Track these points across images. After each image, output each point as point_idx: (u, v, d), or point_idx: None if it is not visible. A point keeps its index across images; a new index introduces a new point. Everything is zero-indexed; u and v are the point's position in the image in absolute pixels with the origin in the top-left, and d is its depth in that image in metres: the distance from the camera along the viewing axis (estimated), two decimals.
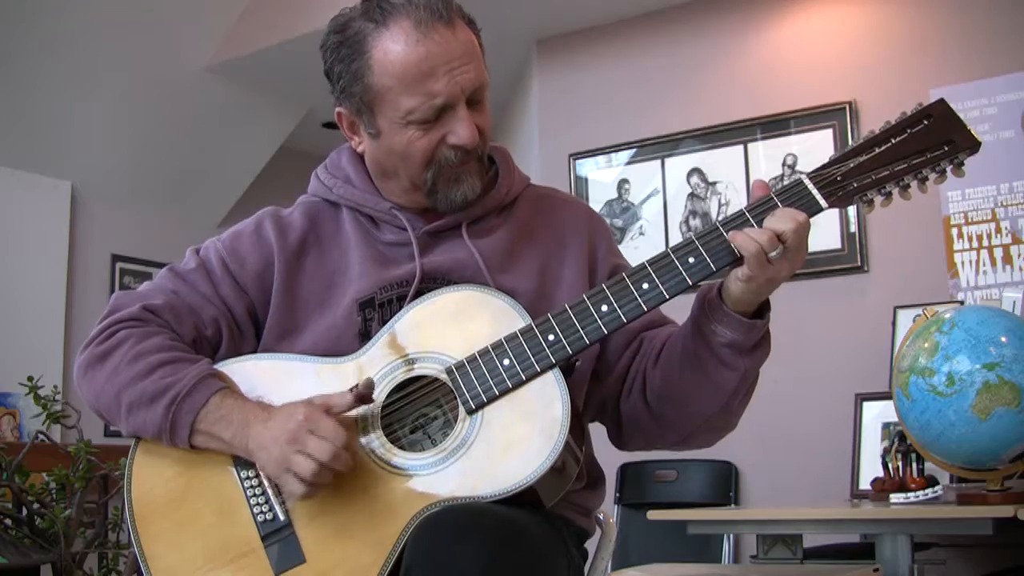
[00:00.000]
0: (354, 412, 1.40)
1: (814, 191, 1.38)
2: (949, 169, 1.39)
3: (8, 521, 2.77)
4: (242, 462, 1.43)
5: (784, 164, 3.73)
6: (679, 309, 1.54)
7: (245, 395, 1.45)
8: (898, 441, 2.57)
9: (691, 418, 1.51)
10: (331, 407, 1.37)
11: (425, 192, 1.52)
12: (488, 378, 1.38)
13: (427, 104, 1.45)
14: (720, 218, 1.40)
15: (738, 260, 1.37)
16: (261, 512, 1.39)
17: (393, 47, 1.45)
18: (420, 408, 1.43)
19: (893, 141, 1.39)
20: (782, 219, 1.35)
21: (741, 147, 3.82)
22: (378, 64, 1.46)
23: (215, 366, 1.49)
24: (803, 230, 1.36)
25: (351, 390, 1.38)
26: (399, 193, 1.56)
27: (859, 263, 3.57)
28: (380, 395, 1.41)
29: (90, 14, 4.12)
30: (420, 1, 1.45)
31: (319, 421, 1.34)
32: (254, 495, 1.40)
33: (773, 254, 1.34)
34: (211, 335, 1.52)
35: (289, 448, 1.34)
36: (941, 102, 1.41)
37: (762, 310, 1.43)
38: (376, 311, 1.49)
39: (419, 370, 1.42)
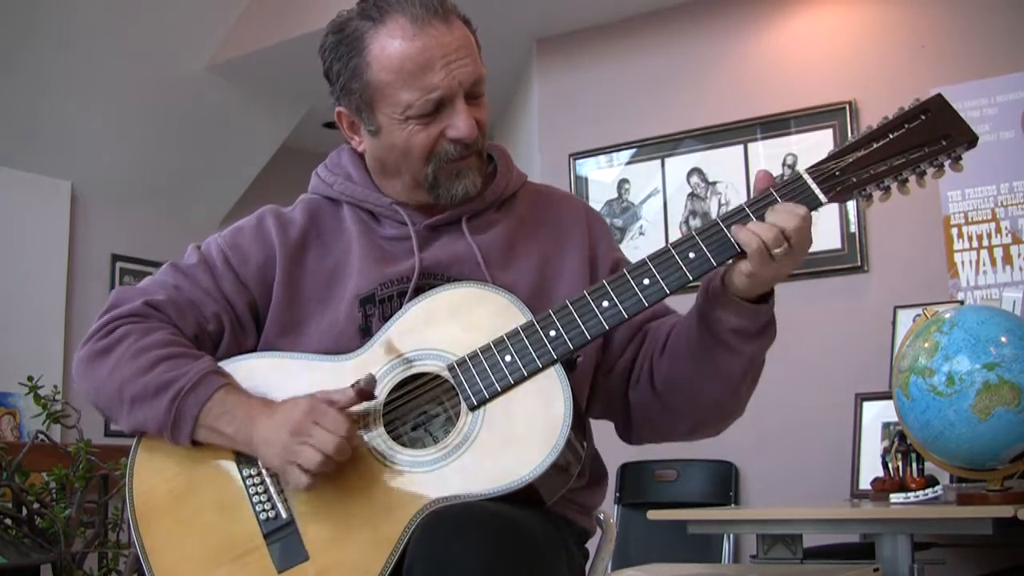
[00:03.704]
0: (356, 409, 1.40)
1: (813, 186, 1.38)
2: (947, 163, 1.39)
3: (8, 521, 2.77)
4: (244, 460, 1.43)
5: (784, 164, 3.73)
6: (678, 307, 1.55)
7: (248, 392, 1.45)
8: (898, 441, 2.57)
9: (700, 405, 1.51)
10: (333, 402, 1.37)
11: (427, 187, 1.53)
12: (490, 374, 1.38)
13: (425, 98, 1.45)
14: (720, 213, 1.41)
15: (739, 255, 1.37)
16: (263, 510, 1.39)
17: (390, 43, 1.46)
18: (422, 405, 1.43)
19: (891, 136, 1.39)
20: (785, 216, 1.35)
21: (741, 147, 3.82)
22: (376, 60, 1.47)
23: (218, 365, 1.49)
24: (806, 226, 1.36)
25: (353, 385, 1.38)
26: (400, 191, 1.57)
27: (859, 263, 3.57)
28: (382, 393, 1.41)
29: (90, 14, 4.12)
30: None
31: (323, 412, 1.35)
32: (256, 493, 1.40)
33: (777, 251, 1.34)
34: (213, 330, 1.52)
35: (293, 439, 1.34)
36: (938, 97, 1.41)
37: (766, 296, 1.43)
38: (377, 307, 1.50)
39: (421, 367, 1.42)
